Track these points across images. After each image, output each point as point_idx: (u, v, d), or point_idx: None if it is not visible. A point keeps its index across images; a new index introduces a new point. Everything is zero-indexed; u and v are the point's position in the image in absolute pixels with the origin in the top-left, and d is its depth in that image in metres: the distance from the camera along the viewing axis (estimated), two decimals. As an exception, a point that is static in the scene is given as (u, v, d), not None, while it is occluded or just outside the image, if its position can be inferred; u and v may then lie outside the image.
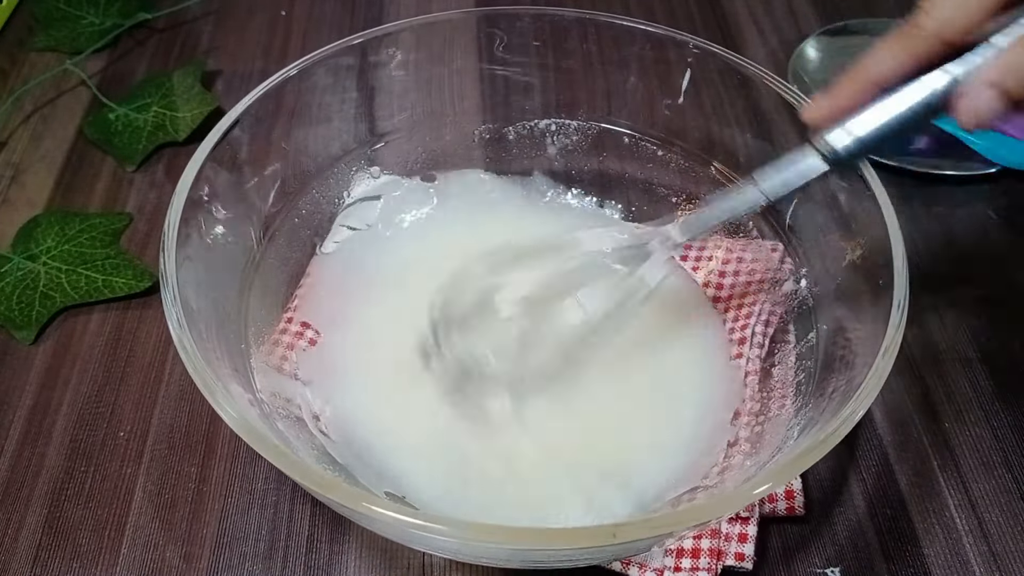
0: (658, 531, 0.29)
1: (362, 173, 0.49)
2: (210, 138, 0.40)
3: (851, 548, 0.39)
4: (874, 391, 0.32)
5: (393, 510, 0.28)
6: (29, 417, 0.44)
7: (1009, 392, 0.44)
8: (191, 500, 0.41)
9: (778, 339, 0.43)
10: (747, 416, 0.41)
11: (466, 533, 0.28)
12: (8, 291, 0.48)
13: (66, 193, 0.55)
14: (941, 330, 0.47)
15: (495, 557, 0.35)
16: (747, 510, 0.38)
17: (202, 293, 0.37)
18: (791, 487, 0.39)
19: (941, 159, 0.55)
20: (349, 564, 0.39)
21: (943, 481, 0.41)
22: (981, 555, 0.39)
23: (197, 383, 0.31)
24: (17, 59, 0.64)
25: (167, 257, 0.35)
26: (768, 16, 0.67)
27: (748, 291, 0.45)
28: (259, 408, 0.37)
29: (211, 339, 0.36)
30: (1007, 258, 0.51)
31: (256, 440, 0.30)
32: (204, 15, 0.68)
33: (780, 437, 0.37)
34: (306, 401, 0.41)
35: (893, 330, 0.33)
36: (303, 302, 0.45)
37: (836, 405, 0.33)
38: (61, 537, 0.40)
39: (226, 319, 0.39)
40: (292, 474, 0.30)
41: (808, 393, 0.38)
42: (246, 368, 0.39)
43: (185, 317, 0.33)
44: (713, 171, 0.47)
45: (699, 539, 0.38)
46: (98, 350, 0.47)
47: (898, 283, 0.34)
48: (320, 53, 0.44)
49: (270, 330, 0.44)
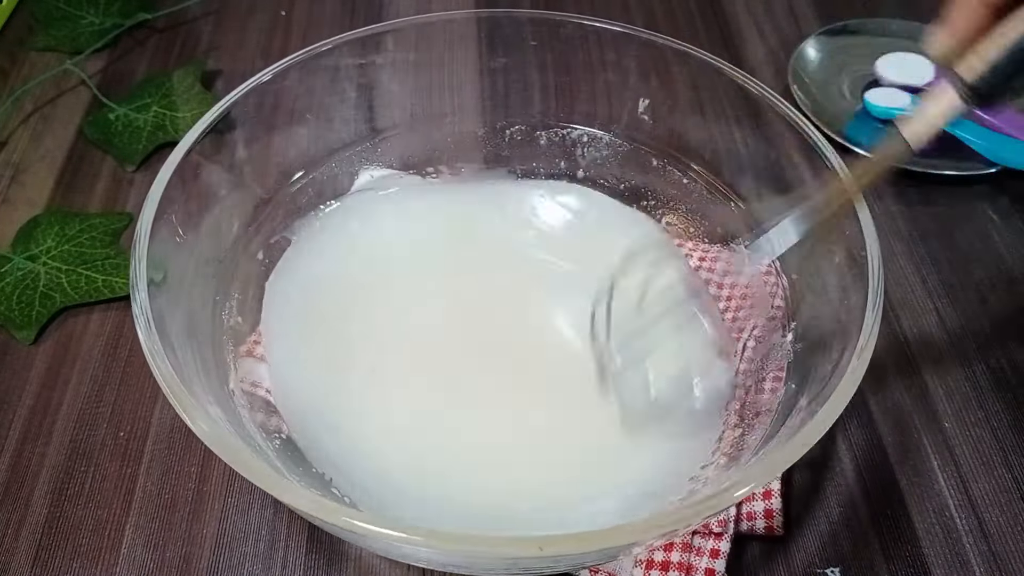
0: (585, 547, 0.28)
1: (359, 170, 0.49)
2: (189, 137, 0.40)
3: (851, 548, 0.39)
4: (847, 395, 0.31)
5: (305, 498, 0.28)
6: (29, 417, 0.44)
7: (1009, 392, 0.44)
8: (191, 500, 0.41)
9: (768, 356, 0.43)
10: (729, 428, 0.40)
11: (386, 532, 0.27)
12: (8, 291, 0.48)
13: (66, 193, 0.55)
14: (941, 330, 0.47)
15: (432, 561, 0.35)
16: (720, 525, 0.38)
17: (177, 306, 0.37)
18: (771, 506, 0.38)
19: (941, 159, 0.55)
20: (349, 564, 0.39)
21: (943, 481, 0.41)
22: (981, 555, 0.39)
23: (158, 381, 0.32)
24: (17, 59, 0.64)
25: (138, 263, 0.35)
26: (768, 16, 0.67)
27: (743, 305, 0.45)
28: (231, 401, 0.37)
29: (184, 347, 0.36)
30: (1007, 258, 0.51)
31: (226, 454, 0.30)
32: (204, 15, 0.68)
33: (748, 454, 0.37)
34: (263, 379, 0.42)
35: (867, 331, 0.33)
36: (272, 295, 0.45)
37: (806, 415, 0.33)
38: (61, 537, 0.40)
39: (202, 324, 0.40)
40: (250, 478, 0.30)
41: (786, 403, 0.38)
42: (225, 362, 0.40)
43: (156, 325, 0.33)
44: (692, 176, 0.47)
45: (669, 551, 0.37)
46: (98, 350, 0.47)
47: (872, 286, 0.34)
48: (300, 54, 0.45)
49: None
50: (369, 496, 0.38)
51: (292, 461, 0.38)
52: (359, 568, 0.39)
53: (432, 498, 0.38)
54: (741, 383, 0.41)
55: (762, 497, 0.39)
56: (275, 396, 0.41)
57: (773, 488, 0.39)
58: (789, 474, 0.41)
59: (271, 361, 0.42)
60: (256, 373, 0.42)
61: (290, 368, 0.43)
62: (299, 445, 0.39)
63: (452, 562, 0.34)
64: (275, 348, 0.43)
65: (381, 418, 0.42)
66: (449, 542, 0.27)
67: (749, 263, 0.40)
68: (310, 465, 0.39)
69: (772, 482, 0.39)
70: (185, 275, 0.40)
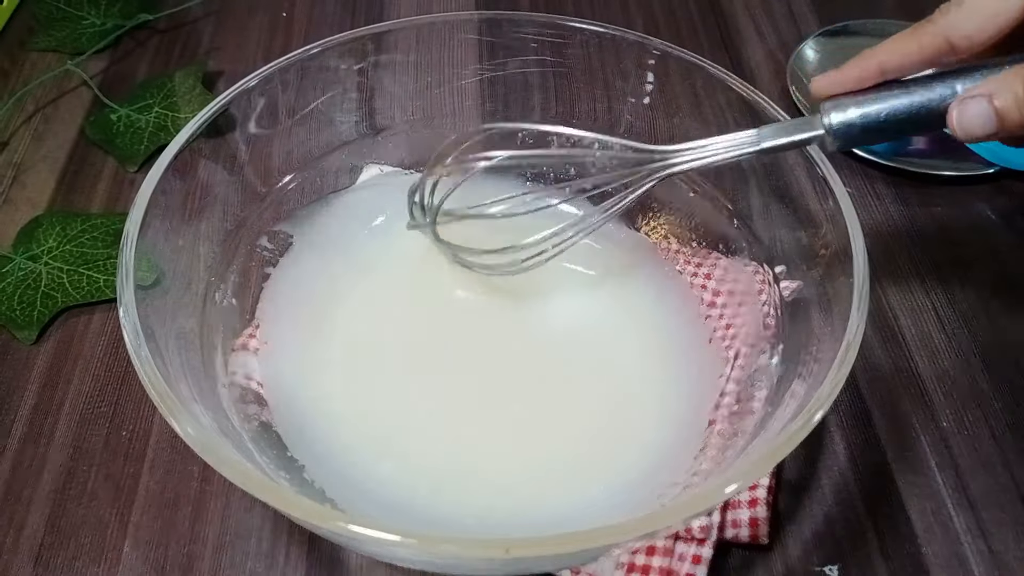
0: (553, 550, 0.28)
1: (362, 167, 0.50)
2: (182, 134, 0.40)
3: (850, 547, 0.39)
4: (830, 399, 0.31)
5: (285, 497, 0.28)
6: (31, 417, 0.44)
7: (1008, 392, 0.45)
8: (193, 499, 0.41)
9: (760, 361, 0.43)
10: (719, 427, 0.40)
11: (350, 531, 0.28)
12: (10, 291, 0.48)
13: (68, 193, 0.55)
14: (939, 330, 0.47)
15: (407, 560, 0.35)
16: (703, 531, 0.37)
17: (165, 312, 0.37)
18: (756, 515, 0.38)
19: (940, 159, 0.55)
20: (351, 563, 0.39)
21: (942, 480, 0.41)
22: (980, 554, 0.39)
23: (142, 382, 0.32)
24: (18, 59, 0.64)
25: (126, 273, 0.35)
26: (767, 17, 0.67)
27: (739, 312, 0.45)
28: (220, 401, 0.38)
29: (173, 348, 0.36)
30: (1006, 258, 0.51)
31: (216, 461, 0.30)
32: (205, 16, 0.68)
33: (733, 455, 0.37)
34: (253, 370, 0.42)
35: (853, 329, 0.33)
36: (269, 292, 0.46)
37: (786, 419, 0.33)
38: (63, 536, 0.40)
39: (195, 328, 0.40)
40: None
41: (772, 402, 0.38)
42: (215, 358, 0.40)
43: (143, 327, 0.34)
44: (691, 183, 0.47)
45: (651, 555, 0.37)
46: (100, 350, 0.47)
47: (858, 281, 0.34)
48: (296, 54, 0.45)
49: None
50: (352, 494, 0.38)
51: (270, 447, 0.39)
52: (361, 567, 0.39)
53: (421, 504, 0.39)
54: (732, 391, 0.41)
55: (748, 505, 0.38)
56: (266, 389, 0.41)
57: (759, 497, 0.39)
58: (785, 474, 0.41)
59: (265, 354, 0.43)
60: (249, 367, 0.42)
61: (282, 361, 0.43)
62: (283, 437, 0.40)
63: (417, 559, 0.34)
64: (270, 342, 0.43)
65: (364, 412, 0.42)
66: (427, 543, 0.27)
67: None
68: (285, 449, 0.39)
69: (758, 491, 0.39)
70: (178, 274, 0.40)
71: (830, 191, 0.38)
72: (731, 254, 0.46)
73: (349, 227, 0.49)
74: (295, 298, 0.46)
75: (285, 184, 0.47)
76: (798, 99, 0.58)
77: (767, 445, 0.32)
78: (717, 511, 0.38)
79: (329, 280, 0.47)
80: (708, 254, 0.47)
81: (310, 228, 0.48)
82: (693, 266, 0.47)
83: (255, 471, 0.33)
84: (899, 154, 0.56)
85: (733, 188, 0.45)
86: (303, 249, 0.47)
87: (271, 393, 0.41)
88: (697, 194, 0.47)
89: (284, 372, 0.43)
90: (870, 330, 0.47)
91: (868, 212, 0.53)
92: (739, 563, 0.39)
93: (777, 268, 0.42)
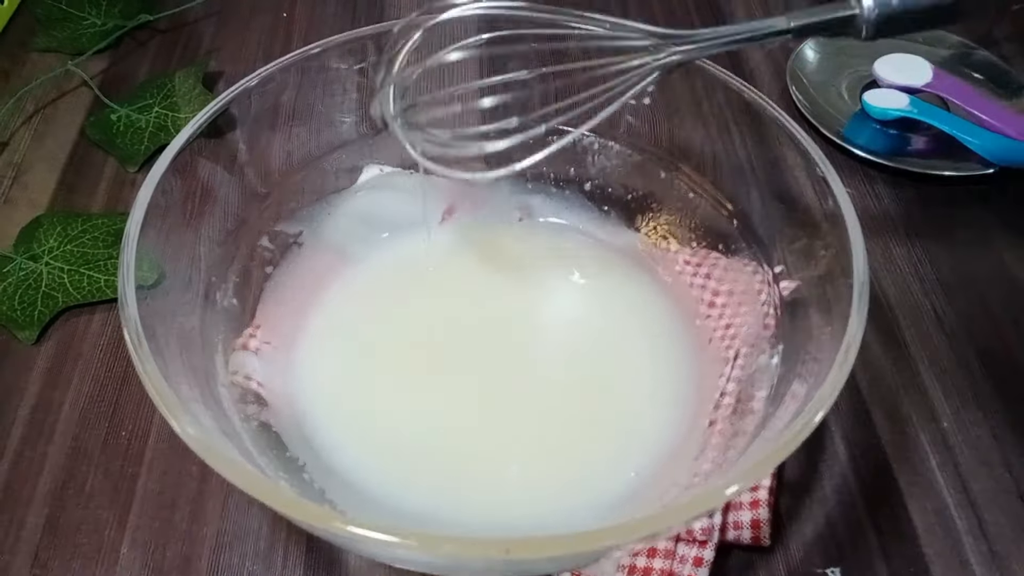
0: (554, 551, 0.28)
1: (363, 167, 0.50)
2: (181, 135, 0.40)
3: (851, 548, 0.39)
4: (833, 393, 0.31)
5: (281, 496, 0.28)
6: (31, 417, 0.44)
7: (1008, 392, 0.44)
8: (192, 500, 0.41)
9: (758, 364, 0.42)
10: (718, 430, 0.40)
11: (349, 532, 0.27)
12: (10, 291, 0.48)
13: (68, 194, 0.55)
14: (939, 330, 0.47)
15: (406, 560, 0.35)
16: (704, 533, 0.37)
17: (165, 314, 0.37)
18: (758, 516, 0.38)
19: (940, 159, 0.55)
20: (350, 564, 0.39)
21: (942, 480, 0.41)
22: (981, 555, 0.39)
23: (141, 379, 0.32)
24: (19, 59, 0.64)
25: (127, 270, 0.35)
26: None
27: (739, 312, 0.45)
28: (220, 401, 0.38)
29: (174, 349, 0.36)
30: (1006, 258, 0.51)
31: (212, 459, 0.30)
32: (206, 16, 0.68)
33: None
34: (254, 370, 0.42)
35: (853, 329, 0.33)
36: (270, 292, 0.46)
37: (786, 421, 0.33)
38: (62, 537, 0.40)
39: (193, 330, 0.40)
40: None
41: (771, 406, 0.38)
42: (216, 358, 0.40)
43: (144, 327, 0.34)
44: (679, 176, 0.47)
45: (652, 557, 0.37)
46: (100, 350, 0.47)
47: (858, 281, 0.34)
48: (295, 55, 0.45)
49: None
50: (351, 495, 0.38)
51: (270, 447, 0.39)
52: (360, 568, 0.39)
53: (420, 505, 0.39)
54: (732, 391, 0.41)
55: (749, 507, 0.38)
56: (266, 389, 0.41)
57: (760, 498, 0.39)
58: (785, 475, 0.41)
59: (265, 354, 0.43)
60: (249, 367, 0.42)
61: (283, 361, 0.43)
62: (282, 437, 0.40)
63: (417, 560, 0.33)
64: (270, 342, 0.43)
65: (364, 413, 0.42)
66: (427, 543, 0.27)
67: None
68: (285, 449, 0.39)
69: (760, 492, 0.39)
70: (178, 274, 0.40)
71: (830, 191, 0.37)
72: (731, 254, 0.46)
73: (349, 227, 0.49)
74: (295, 298, 0.46)
75: (285, 184, 0.47)
76: (798, 99, 0.58)
77: (768, 446, 0.32)
78: (718, 512, 0.38)
79: (329, 280, 0.47)
80: (708, 254, 0.47)
81: (310, 228, 0.48)
82: (692, 266, 0.47)
83: (255, 471, 0.33)
84: (899, 154, 0.56)
85: (733, 188, 0.45)
86: (304, 249, 0.47)
87: (271, 393, 0.41)
88: (697, 194, 0.47)
89: (284, 372, 0.43)
90: (870, 330, 0.47)
91: (868, 212, 0.53)
92: (740, 565, 0.39)
93: (777, 268, 0.42)
